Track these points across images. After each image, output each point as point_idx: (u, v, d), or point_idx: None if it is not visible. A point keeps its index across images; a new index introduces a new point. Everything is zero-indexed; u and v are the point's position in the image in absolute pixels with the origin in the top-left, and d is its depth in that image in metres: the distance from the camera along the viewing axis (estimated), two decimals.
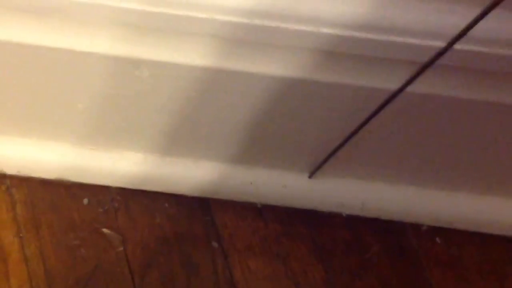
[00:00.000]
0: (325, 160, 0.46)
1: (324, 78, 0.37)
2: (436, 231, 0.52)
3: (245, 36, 0.35)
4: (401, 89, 0.25)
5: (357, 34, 0.32)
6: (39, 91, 0.41)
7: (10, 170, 0.47)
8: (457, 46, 0.30)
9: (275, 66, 0.37)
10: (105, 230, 0.47)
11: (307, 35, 0.34)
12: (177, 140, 0.46)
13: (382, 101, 0.28)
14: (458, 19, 0.30)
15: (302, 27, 0.33)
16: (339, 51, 0.35)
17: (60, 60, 0.37)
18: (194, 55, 0.37)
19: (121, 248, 0.47)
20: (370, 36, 0.32)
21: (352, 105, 0.38)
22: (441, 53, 0.27)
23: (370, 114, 0.28)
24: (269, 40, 0.35)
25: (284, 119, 0.43)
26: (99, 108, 0.43)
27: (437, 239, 0.52)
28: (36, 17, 0.35)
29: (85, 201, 0.48)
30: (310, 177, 0.49)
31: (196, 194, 0.49)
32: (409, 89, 0.33)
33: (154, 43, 0.36)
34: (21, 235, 0.46)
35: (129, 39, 0.36)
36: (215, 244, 0.48)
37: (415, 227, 0.52)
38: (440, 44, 0.31)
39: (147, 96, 0.41)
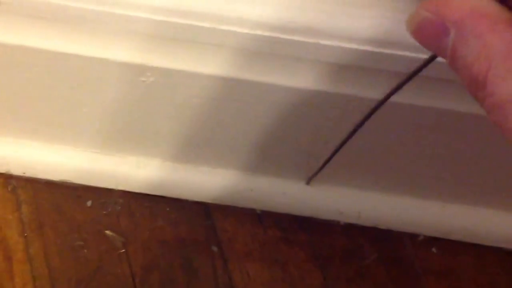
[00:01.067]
0: (320, 168, 0.47)
1: (324, 88, 0.39)
2: (433, 241, 0.52)
3: (251, 47, 0.36)
4: (384, 100, 0.26)
5: (355, 46, 0.33)
6: (47, 95, 0.42)
7: (16, 171, 0.48)
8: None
9: (278, 77, 0.38)
10: (107, 232, 0.48)
11: (313, 49, 0.35)
12: (180, 146, 0.47)
13: (369, 111, 0.29)
14: None
15: (303, 39, 0.35)
16: (344, 63, 0.36)
17: (71, 66, 0.39)
18: (202, 64, 0.38)
19: (123, 250, 0.48)
20: (367, 48, 0.33)
21: (345, 114, 0.39)
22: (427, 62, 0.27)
23: (357, 123, 0.29)
24: (276, 51, 0.36)
25: (283, 127, 0.44)
26: (106, 113, 0.44)
27: (434, 249, 0.52)
28: (49, 23, 0.36)
29: (89, 203, 0.49)
30: (307, 183, 0.50)
31: (197, 199, 0.50)
32: (398, 99, 0.34)
33: (165, 51, 0.37)
34: (25, 234, 0.47)
35: (141, 47, 0.37)
36: (215, 249, 0.49)
37: (412, 237, 0.52)
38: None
39: (153, 102, 0.42)
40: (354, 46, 0.34)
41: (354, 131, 0.29)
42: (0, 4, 0.34)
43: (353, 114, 0.40)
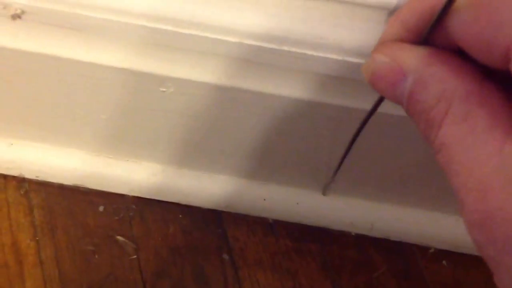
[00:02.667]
0: (332, 178, 0.47)
1: (333, 101, 0.39)
2: (444, 254, 0.52)
3: (263, 59, 0.36)
4: (372, 111, 0.27)
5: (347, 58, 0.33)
6: (64, 101, 0.42)
7: (30, 174, 0.48)
8: None
9: (289, 88, 0.39)
10: (119, 238, 0.48)
11: (320, 63, 0.35)
12: (194, 153, 0.47)
13: (363, 119, 0.30)
14: None
15: (312, 53, 0.35)
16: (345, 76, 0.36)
17: (88, 73, 0.38)
18: (214, 74, 0.38)
19: (135, 256, 0.48)
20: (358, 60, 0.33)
21: (343, 124, 0.39)
22: None
23: (353, 134, 0.29)
24: (286, 64, 0.36)
25: (297, 138, 0.44)
26: (121, 120, 0.44)
27: (444, 262, 0.52)
28: (70, 32, 0.36)
29: (101, 208, 0.49)
30: (323, 194, 0.50)
31: (209, 206, 0.50)
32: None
33: (177, 61, 0.38)
34: (37, 238, 0.47)
35: (155, 56, 0.37)
36: (226, 257, 0.49)
37: (422, 249, 0.52)
38: None
39: (168, 110, 0.42)
40: (346, 58, 0.34)
41: (352, 142, 0.30)
42: (24, 13, 0.34)
43: (351, 124, 0.40)
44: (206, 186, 0.49)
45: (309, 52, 0.35)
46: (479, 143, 0.19)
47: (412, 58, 0.21)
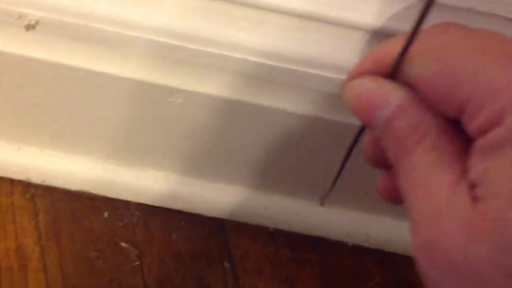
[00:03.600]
0: (329, 191, 0.48)
1: (331, 116, 0.41)
2: None
3: (265, 75, 0.38)
4: (358, 135, 0.28)
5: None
6: (73, 108, 0.43)
7: (36, 179, 0.49)
8: None
9: (290, 103, 0.40)
10: (123, 244, 0.49)
11: (317, 80, 0.37)
12: (198, 162, 0.48)
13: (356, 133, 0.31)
14: None
15: (309, 70, 0.37)
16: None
17: (98, 83, 0.40)
18: (219, 87, 0.40)
19: (138, 262, 0.48)
20: None
21: (341, 138, 0.41)
22: None
23: (346, 150, 0.31)
24: (287, 80, 0.38)
25: (297, 150, 0.45)
26: (128, 128, 0.45)
27: None
28: (81, 43, 0.37)
29: (106, 214, 0.50)
30: (321, 205, 0.51)
31: (212, 214, 0.51)
32: None
33: (184, 74, 0.39)
34: (41, 243, 0.48)
35: (164, 68, 0.39)
36: (227, 264, 0.50)
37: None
38: None
39: (174, 120, 0.43)
40: (341, 76, 0.36)
41: (345, 158, 0.31)
42: (38, 24, 0.35)
43: (347, 139, 0.42)
44: (208, 195, 0.50)
45: (307, 70, 0.37)
46: (441, 174, 0.21)
47: (396, 88, 0.23)
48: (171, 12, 0.35)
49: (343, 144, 0.44)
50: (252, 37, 0.36)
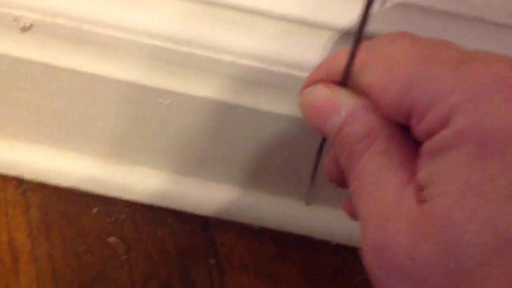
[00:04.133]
0: (309, 190, 0.49)
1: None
2: None
3: (254, 78, 0.39)
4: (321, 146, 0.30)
5: None
6: (65, 107, 0.44)
7: (28, 175, 0.50)
8: None
9: (278, 105, 0.41)
10: (111, 239, 0.50)
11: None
12: (186, 161, 0.50)
13: None
14: None
15: (301, 74, 0.38)
16: None
17: (90, 83, 0.41)
18: (208, 89, 0.41)
19: (125, 257, 0.50)
20: None
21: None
22: None
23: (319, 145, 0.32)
24: (277, 83, 0.39)
25: (283, 150, 0.46)
26: (118, 127, 0.46)
27: None
28: (74, 44, 0.38)
29: (95, 210, 0.51)
30: (306, 204, 0.52)
31: (198, 212, 0.52)
32: None
33: (174, 76, 0.40)
34: (32, 237, 0.49)
35: (154, 70, 0.40)
36: (212, 261, 0.51)
37: None
38: None
39: (164, 121, 0.44)
40: None
41: (318, 154, 0.32)
42: (32, 26, 0.37)
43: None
44: (196, 193, 0.52)
45: (295, 73, 0.38)
46: (389, 177, 0.22)
47: (348, 96, 0.24)
48: (162, 15, 0.37)
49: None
50: (241, 40, 0.37)
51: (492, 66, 0.20)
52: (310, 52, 0.37)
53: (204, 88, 0.41)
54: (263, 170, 0.50)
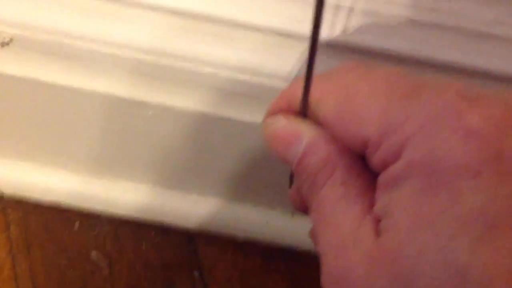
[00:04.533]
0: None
1: None
2: None
3: (236, 89, 0.39)
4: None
5: None
6: (46, 122, 0.44)
7: (7, 190, 0.50)
8: None
9: (261, 117, 0.41)
10: (93, 254, 0.50)
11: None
12: (168, 174, 0.49)
13: None
14: None
15: (283, 85, 0.38)
16: None
17: (71, 97, 0.41)
18: (190, 101, 0.41)
19: (108, 271, 0.49)
20: None
21: None
22: None
23: None
24: (258, 94, 0.39)
25: (269, 162, 0.46)
26: (99, 140, 0.46)
27: None
28: (55, 58, 0.38)
29: (77, 224, 0.50)
30: (292, 215, 0.52)
31: (182, 225, 0.52)
32: None
33: (155, 88, 0.40)
34: (13, 254, 0.48)
35: (135, 83, 0.40)
36: (196, 274, 0.51)
37: None
38: None
39: (145, 133, 0.44)
40: None
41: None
42: (12, 41, 0.36)
43: None
44: (179, 205, 0.51)
45: (277, 84, 0.38)
46: (348, 207, 0.22)
47: (308, 126, 0.24)
48: (143, 29, 0.37)
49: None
50: (222, 52, 0.38)
51: (442, 95, 0.20)
52: (291, 63, 0.37)
53: (186, 100, 0.41)
54: (247, 181, 0.50)
